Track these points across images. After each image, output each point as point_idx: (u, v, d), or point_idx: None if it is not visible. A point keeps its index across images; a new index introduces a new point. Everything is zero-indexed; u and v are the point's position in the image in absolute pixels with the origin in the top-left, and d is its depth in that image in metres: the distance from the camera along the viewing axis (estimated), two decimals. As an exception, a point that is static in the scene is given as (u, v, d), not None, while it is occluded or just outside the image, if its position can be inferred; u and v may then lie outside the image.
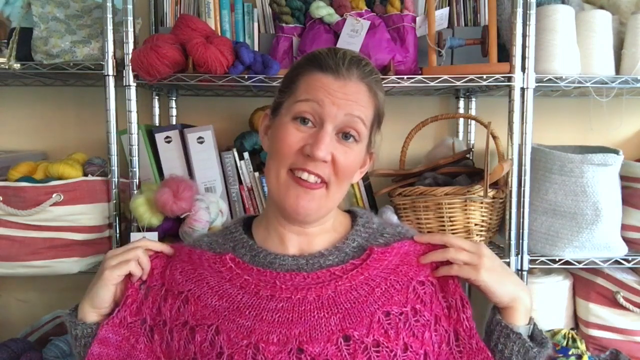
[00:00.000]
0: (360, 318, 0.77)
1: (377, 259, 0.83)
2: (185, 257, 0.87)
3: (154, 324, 0.82)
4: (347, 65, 0.83)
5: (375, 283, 0.81)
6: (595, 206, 1.34)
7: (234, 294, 0.80)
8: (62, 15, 1.40)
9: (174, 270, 0.85)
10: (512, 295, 0.82)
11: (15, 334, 1.49)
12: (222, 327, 0.78)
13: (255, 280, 0.81)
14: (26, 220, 1.27)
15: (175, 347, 0.80)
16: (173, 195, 1.24)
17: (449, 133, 1.71)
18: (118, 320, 0.82)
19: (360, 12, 1.39)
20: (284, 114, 0.84)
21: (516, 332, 0.81)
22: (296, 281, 0.80)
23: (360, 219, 0.91)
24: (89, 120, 1.66)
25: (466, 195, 1.32)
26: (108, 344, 0.81)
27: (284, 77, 0.90)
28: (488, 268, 0.81)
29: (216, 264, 0.84)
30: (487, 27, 1.38)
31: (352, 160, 0.84)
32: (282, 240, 0.87)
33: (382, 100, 0.88)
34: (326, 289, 0.79)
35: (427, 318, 0.80)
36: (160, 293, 0.83)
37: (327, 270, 0.81)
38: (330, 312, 0.78)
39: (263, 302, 0.79)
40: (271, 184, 0.84)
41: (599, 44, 1.39)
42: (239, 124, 1.65)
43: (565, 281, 1.49)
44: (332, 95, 0.81)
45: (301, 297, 0.79)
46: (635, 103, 1.67)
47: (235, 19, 1.51)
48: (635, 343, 1.41)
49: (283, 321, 0.77)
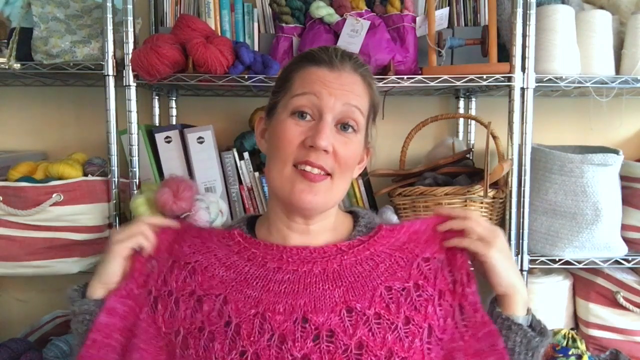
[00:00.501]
0: (363, 291, 0.79)
1: (384, 236, 0.85)
2: (195, 232, 0.89)
3: (158, 295, 0.83)
4: (340, 57, 0.85)
5: (380, 259, 0.83)
6: (595, 206, 1.34)
7: (242, 266, 0.82)
8: (62, 15, 1.40)
9: (182, 244, 0.87)
10: (512, 282, 0.82)
11: (15, 334, 1.49)
12: (230, 297, 0.80)
13: (263, 253, 0.83)
14: (26, 220, 1.28)
15: (181, 317, 0.81)
16: (173, 195, 1.24)
17: (449, 133, 1.71)
18: (125, 291, 0.83)
19: (360, 12, 1.39)
20: (281, 112, 0.84)
21: (517, 322, 0.81)
22: (303, 255, 0.82)
23: (362, 219, 0.91)
24: (89, 120, 1.66)
25: (466, 195, 1.32)
26: (114, 314, 0.82)
27: (277, 79, 0.91)
28: (500, 249, 0.82)
29: (225, 238, 0.86)
30: (487, 27, 1.38)
31: (353, 151, 0.84)
32: (285, 239, 0.87)
33: (376, 91, 0.90)
34: (332, 262, 0.82)
35: (430, 293, 0.81)
36: (167, 264, 0.85)
37: (333, 245, 0.84)
38: (334, 285, 0.80)
39: (270, 273, 0.81)
40: (275, 181, 0.84)
41: (599, 44, 1.40)
42: (239, 124, 1.65)
43: (565, 281, 1.49)
44: (329, 86, 0.82)
45: (307, 269, 0.81)
46: (635, 103, 1.67)
47: (235, 19, 1.51)
48: (635, 343, 1.42)
49: (289, 292, 0.79)
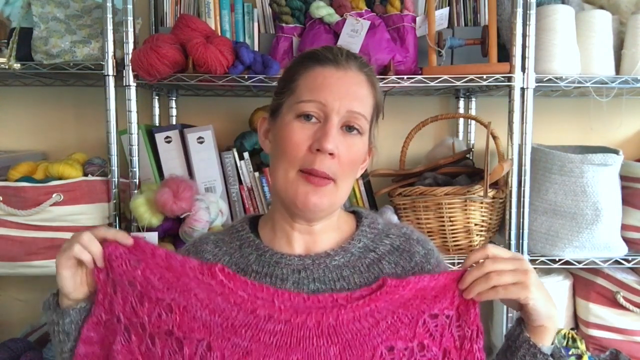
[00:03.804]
0: (361, 351, 0.74)
1: (388, 292, 0.77)
2: (162, 261, 0.79)
3: (129, 324, 0.78)
4: (345, 56, 0.84)
5: (381, 316, 0.77)
6: (595, 206, 1.34)
7: (228, 310, 0.76)
8: (62, 15, 1.40)
9: (149, 274, 0.78)
10: (548, 315, 0.77)
11: (15, 334, 1.49)
12: (215, 345, 0.74)
13: (252, 298, 0.77)
14: (26, 220, 1.28)
15: (158, 355, 0.76)
16: (173, 195, 1.24)
17: (449, 133, 1.71)
18: (95, 319, 0.79)
19: (360, 12, 1.39)
20: (286, 114, 0.84)
21: (544, 352, 0.78)
22: (295, 302, 0.76)
23: (365, 219, 0.91)
24: (89, 120, 1.66)
25: (466, 195, 1.32)
26: (92, 342, 0.79)
27: (280, 79, 0.90)
28: (536, 285, 0.75)
29: (203, 275, 0.78)
30: (487, 27, 1.38)
31: (357, 152, 0.84)
32: (289, 240, 0.87)
33: (380, 91, 0.89)
34: (327, 316, 0.76)
35: (434, 353, 0.76)
36: (132, 292, 0.78)
37: (329, 295, 0.78)
38: (330, 342, 0.75)
39: (260, 322, 0.75)
40: (279, 183, 0.83)
41: (599, 44, 1.40)
42: (239, 124, 1.65)
43: (565, 281, 1.49)
44: (335, 89, 0.81)
45: (300, 321, 0.75)
46: (635, 103, 1.67)
47: (235, 19, 1.51)
48: (635, 343, 1.41)
49: (281, 345, 0.74)
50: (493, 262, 0.76)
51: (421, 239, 0.91)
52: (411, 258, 0.87)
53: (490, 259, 0.76)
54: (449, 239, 1.37)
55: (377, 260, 0.86)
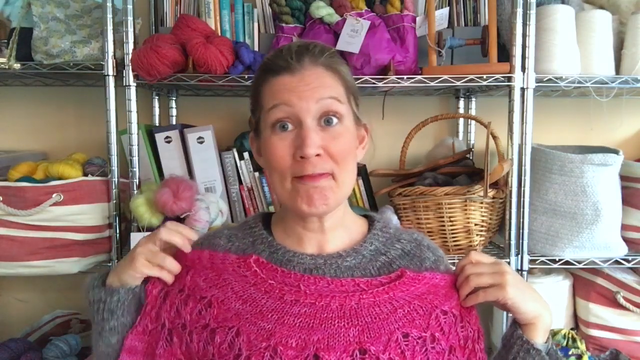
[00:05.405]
0: (379, 334, 0.78)
1: (406, 283, 0.82)
2: (207, 262, 0.85)
3: (172, 327, 0.82)
4: (295, 57, 0.83)
5: (399, 304, 0.81)
6: (595, 206, 1.34)
7: (258, 298, 0.81)
8: (62, 15, 1.40)
9: (197, 278, 0.84)
10: (535, 312, 0.82)
11: (15, 334, 1.50)
12: (243, 329, 0.78)
13: (280, 284, 0.81)
14: (26, 220, 1.28)
15: (194, 349, 0.80)
16: (173, 195, 1.24)
17: (449, 133, 1.71)
18: (141, 328, 0.83)
19: (360, 12, 1.39)
20: (264, 129, 0.84)
21: (537, 348, 0.81)
22: (320, 286, 0.80)
23: (377, 223, 0.92)
24: (89, 121, 1.66)
25: (466, 195, 1.32)
26: (136, 352, 0.82)
27: (250, 97, 0.90)
28: (512, 284, 0.81)
29: (240, 267, 0.84)
30: (487, 27, 1.38)
31: (344, 142, 0.83)
32: (301, 239, 0.87)
33: (347, 72, 0.87)
34: (350, 299, 0.80)
35: (442, 347, 0.80)
36: (180, 297, 0.83)
37: (352, 280, 0.82)
38: (350, 323, 0.78)
39: (287, 306, 0.79)
40: (279, 195, 0.85)
41: (599, 44, 1.40)
42: (239, 124, 1.65)
43: (565, 281, 1.49)
44: (295, 92, 0.81)
45: (324, 304, 0.79)
46: (635, 103, 1.67)
47: (235, 19, 1.51)
48: (635, 343, 1.42)
49: (304, 326, 0.78)
50: (473, 267, 0.83)
51: (432, 246, 0.92)
52: (421, 264, 0.87)
53: (471, 264, 0.84)
54: (449, 239, 1.37)
55: (388, 264, 0.86)
